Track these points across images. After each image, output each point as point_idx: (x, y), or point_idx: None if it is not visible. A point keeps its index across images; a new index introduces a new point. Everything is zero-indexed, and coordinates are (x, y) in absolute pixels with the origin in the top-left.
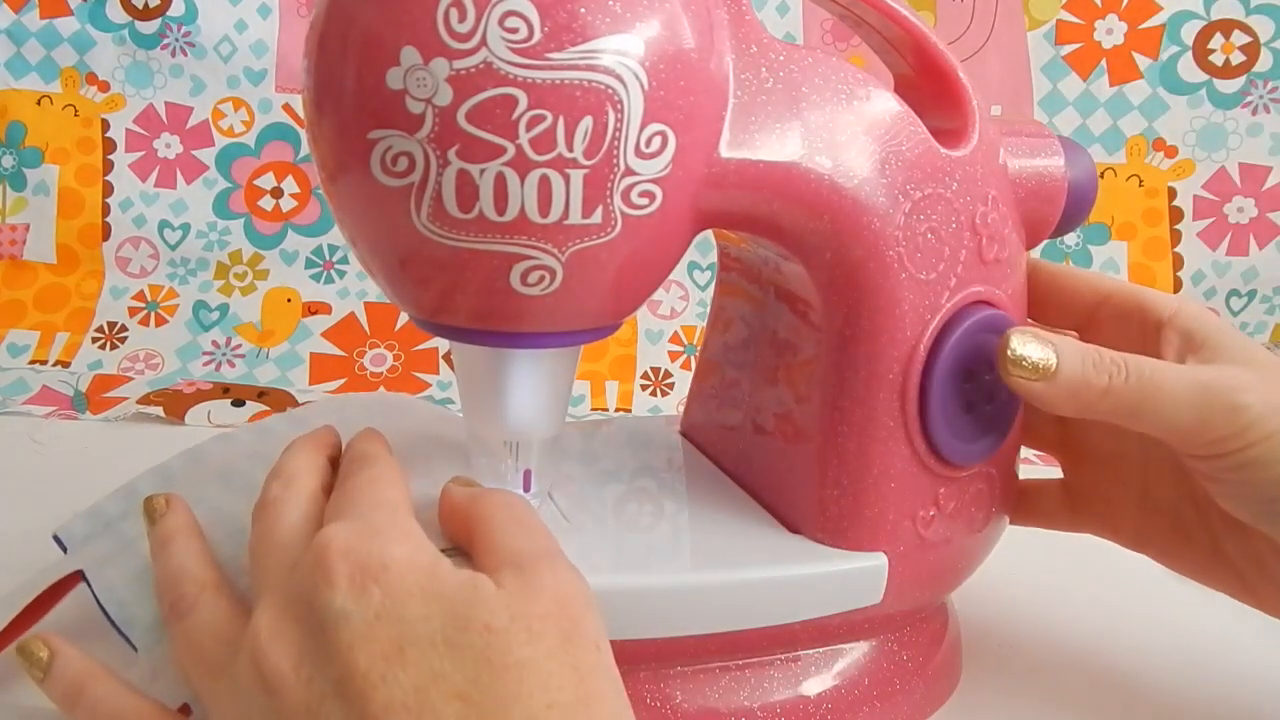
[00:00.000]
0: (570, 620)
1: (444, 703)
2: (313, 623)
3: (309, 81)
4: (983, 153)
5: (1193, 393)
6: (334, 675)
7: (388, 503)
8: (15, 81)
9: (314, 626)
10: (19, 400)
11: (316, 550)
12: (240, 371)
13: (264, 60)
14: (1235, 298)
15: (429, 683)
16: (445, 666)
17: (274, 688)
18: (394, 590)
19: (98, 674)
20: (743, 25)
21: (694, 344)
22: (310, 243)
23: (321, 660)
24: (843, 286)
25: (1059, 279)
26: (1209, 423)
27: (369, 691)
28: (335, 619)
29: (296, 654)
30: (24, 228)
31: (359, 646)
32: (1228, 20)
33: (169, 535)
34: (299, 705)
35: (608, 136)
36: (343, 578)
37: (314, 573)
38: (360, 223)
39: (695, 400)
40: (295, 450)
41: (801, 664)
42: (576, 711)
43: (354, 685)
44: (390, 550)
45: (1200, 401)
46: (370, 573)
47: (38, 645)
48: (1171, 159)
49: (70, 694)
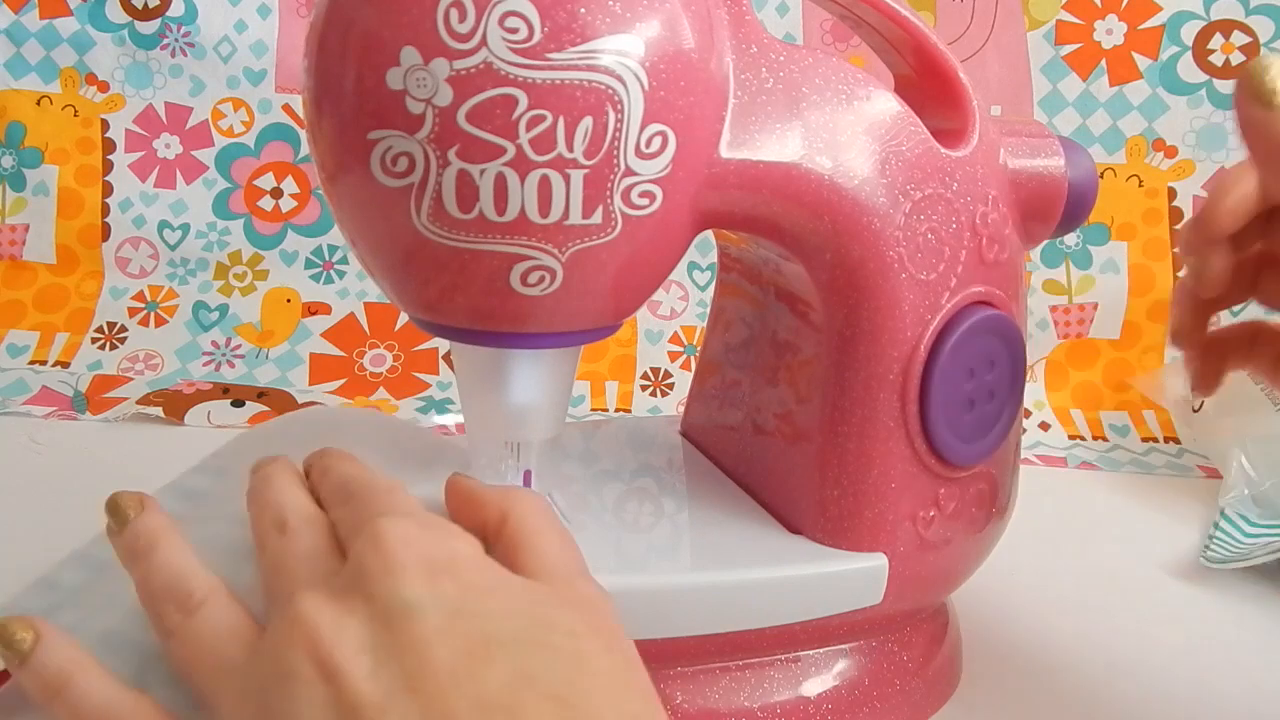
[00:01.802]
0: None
1: (539, 703)
2: (375, 613)
3: (309, 82)
4: (983, 153)
5: None
6: (407, 668)
7: (422, 508)
8: (15, 82)
9: (377, 617)
10: (19, 401)
11: (374, 542)
12: (240, 372)
13: (264, 60)
14: None
15: (521, 683)
16: (536, 667)
17: (333, 674)
18: (469, 585)
19: (86, 665)
20: (743, 25)
21: (694, 344)
22: (310, 243)
23: (389, 652)
24: (843, 287)
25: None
26: None
27: (451, 689)
28: (405, 610)
29: (357, 643)
30: (24, 228)
31: (438, 642)
32: (1227, 21)
33: (155, 536)
34: (363, 696)
35: (608, 137)
36: (410, 567)
37: (374, 564)
38: (360, 223)
39: (695, 400)
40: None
41: (802, 664)
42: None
43: (433, 682)
44: (455, 544)
45: None
46: (440, 564)
47: (21, 627)
48: (1171, 159)
49: (52, 686)
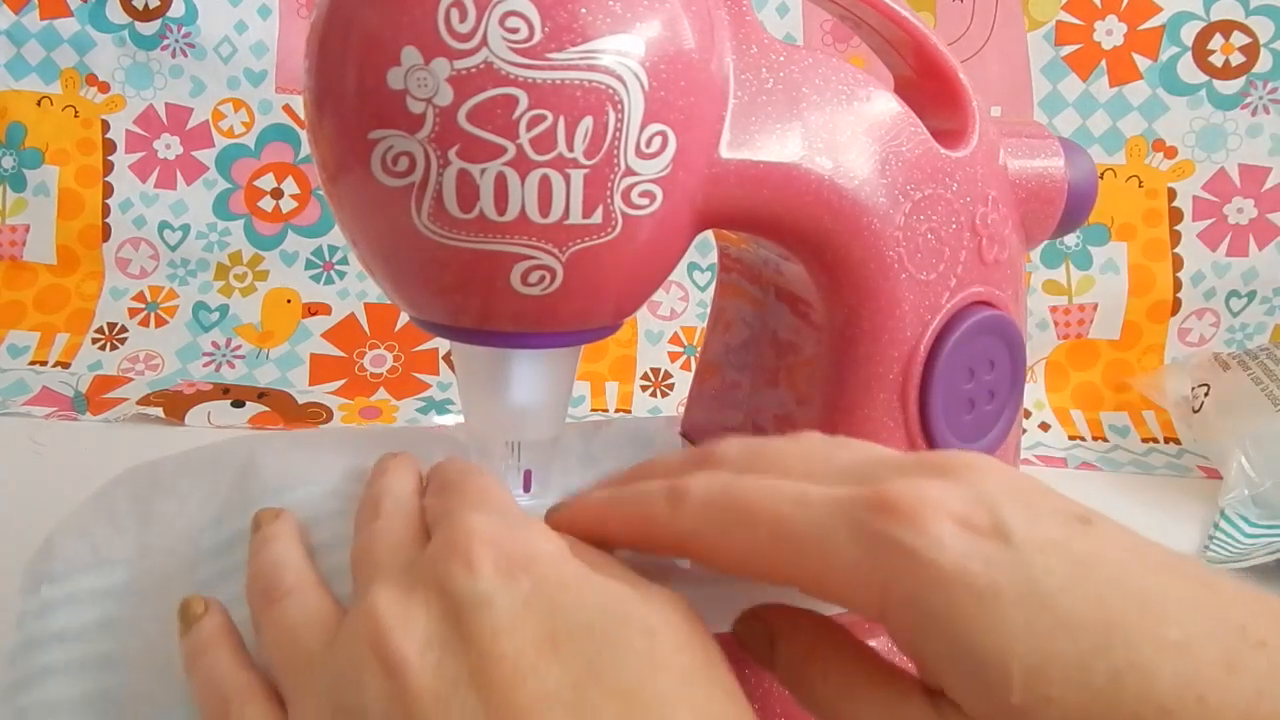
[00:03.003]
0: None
1: (605, 699)
2: (445, 606)
3: (309, 82)
4: (983, 153)
5: None
6: (471, 662)
7: (517, 508)
8: (15, 82)
9: (447, 610)
10: (19, 401)
11: (453, 534)
12: (240, 372)
13: (264, 61)
14: (1235, 299)
15: (587, 678)
16: (605, 662)
17: (396, 669)
18: (545, 580)
19: (224, 643)
20: (743, 26)
21: (694, 345)
22: (310, 243)
23: (455, 645)
24: (843, 287)
25: None
26: None
27: (514, 682)
28: (475, 603)
29: (423, 636)
30: (24, 229)
31: (505, 633)
32: (1227, 21)
33: (270, 536)
34: (424, 691)
35: (608, 136)
36: (487, 563)
37: (450, 557)
38: (360, 223)
39: (695, 401)
40: (392, 472)
41: None
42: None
43: (495, 674)
44: (538, 543)
45: None
46: (518, 561)
47: (197, 603)
48: (1171, 160)
49: (194, 654)
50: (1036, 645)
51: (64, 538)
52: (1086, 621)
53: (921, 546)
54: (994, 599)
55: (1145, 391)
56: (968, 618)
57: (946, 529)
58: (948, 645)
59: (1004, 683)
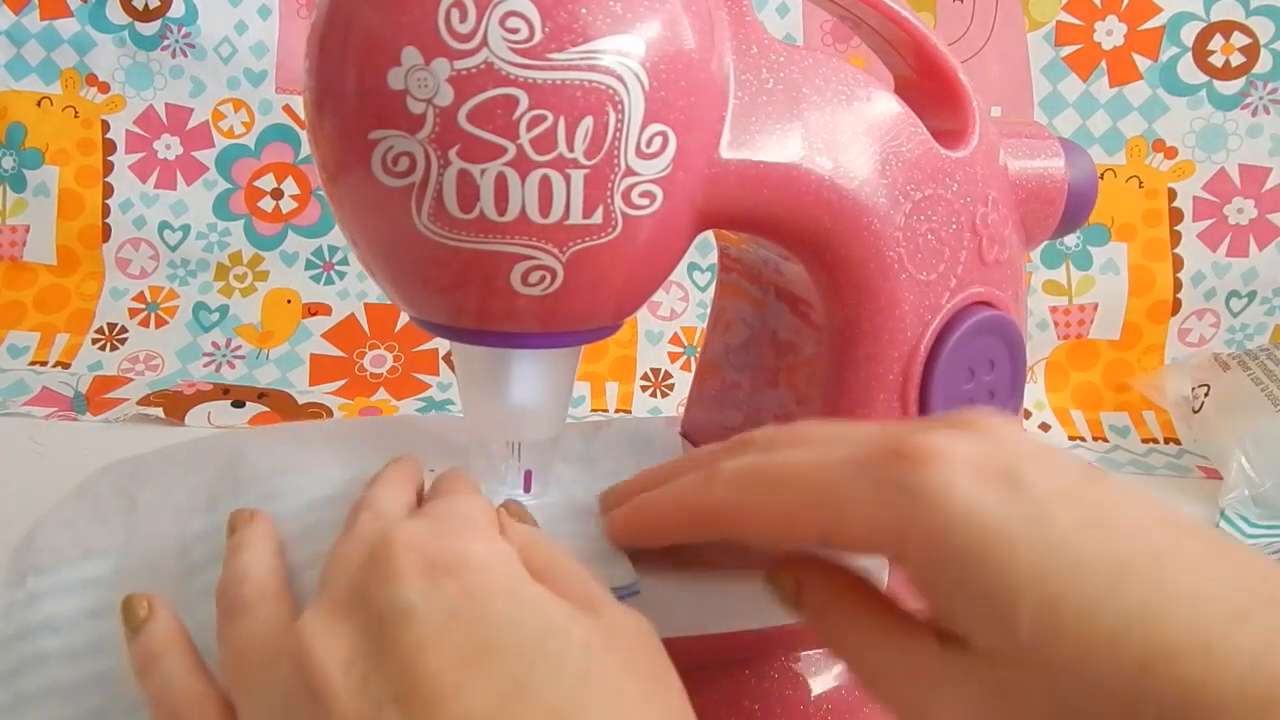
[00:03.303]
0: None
1: (532, 717)
2: (369, 618)
3: (310, 82)
4: (983, 154)
5: None
6: (396, 679)
7: (468, 515)
8: (15, 83)
9: (370, 622)
10: (19, 401)
11: (376, 543)
12: (240, 373)
13: (264, 61)
14: (1235, 299)
15: (516, 694)
16: (536, 678)
17: (319, 692)
18: (473, 587)
19: (179, 649)
20: (743, 26)
21: (694, 345)
22: (310, 244)
23: (379, 660)
24: (843, 287)
25: None
26: None
27: (440, 700)
28: (398, 614)
29: (347, 652)
30: (24, 229)
31: (430, 647)
32: (1227, 22)
33: (241, 544)
34: (348, 714)
35: (608, 137)
36: (409, 569)
37: (373, 566)
38: (361, 223)
39: (695, 401)
40: (387, 479)
41: (802, 664)
42: None
43: (421, 691)
44: (467, 545)
45: None
46: (442, 566)
47: (140, 603)
48: (1171, 160)
49: (147, 661)
50: (1046, 585)
51: (47, 531)
52: (1098, 565)
53: (933, 488)
54: (1006, 539)
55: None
56: (979, 556)
57: (959, 473)
58: (959, 582)
59: (1013, 619)
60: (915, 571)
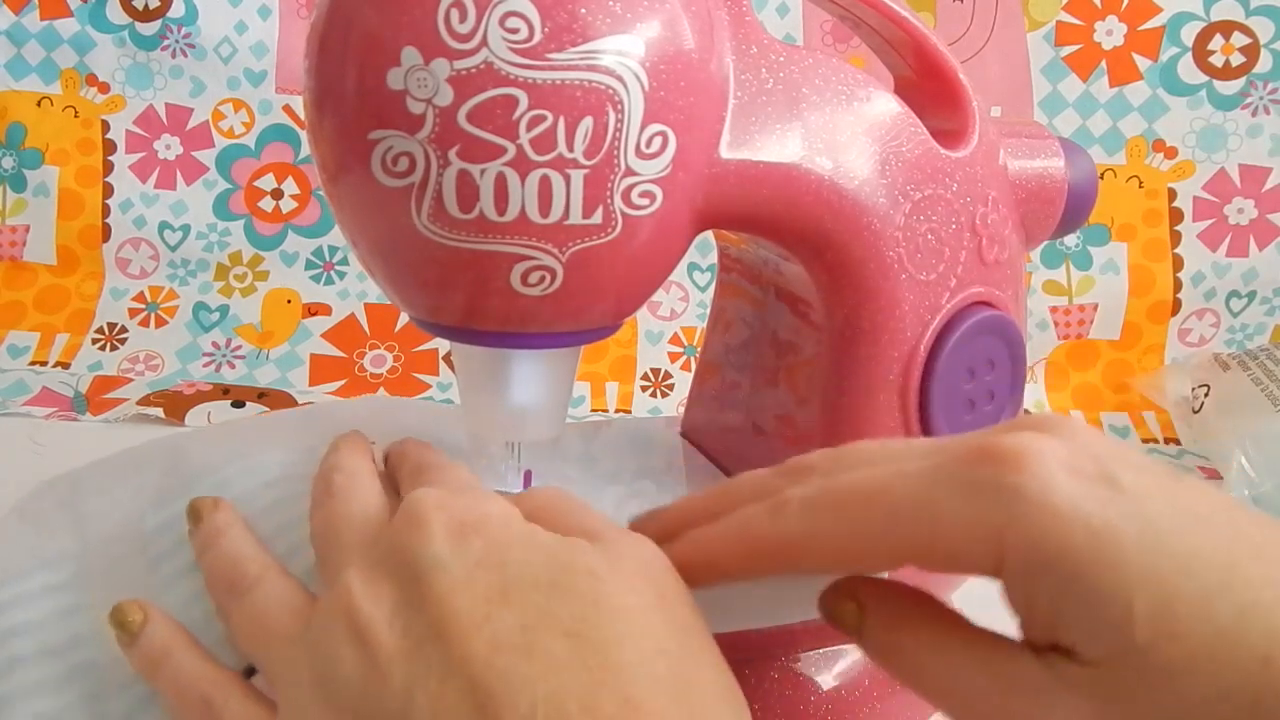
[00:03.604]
0: (662, 579)
1: (552, 639)
2: (406, 574)
3: (310, 82)
4: (983, 154)
5: None
6: (431, 620)
7: (467, 480)
8: (15, 83)
9: (408, 578)
10: (19, 402)
11: (409, 507)
12: (240, 373)
13: (264, 61)
14: (1235, 299)
15: (536, 621)
16: (552, 606)
17: (366, 639)
18: (494, 539)
19: (183, 643)
20: (743, 26)
21: (694, 345)
22: (310, 244)
23: (417, 607)
24: (843, 287)
25: None
26: None
27: (471, 631)
28: (431, 566)
29: (390, 605)
30: (24, 229)
31: (459, 590)
32: (1227, 22)
33: (219, 529)
34: (395, 653)
35: (608, 137)
36: (440, 527)
37: (407, 527)
38: (361, 223)
39: (695, 401)
40: (344, 449)
41: (801, 664)
42: (685, 664)
43: (454, 626)
44: (486, 506)
45: None
46: (469, 524)
47: (132, 610)
48: (1171, 160)
49: (155, 660)
50: (1159, 584)
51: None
52: (1207, 562)
53: (1035, 489)
54: (1113, 538)
55: (1145, 392)
56: (1087, 557)
57: (1057, 472)
58: (1066, 587)
59: (1127, 620)
60: (1015, 580)
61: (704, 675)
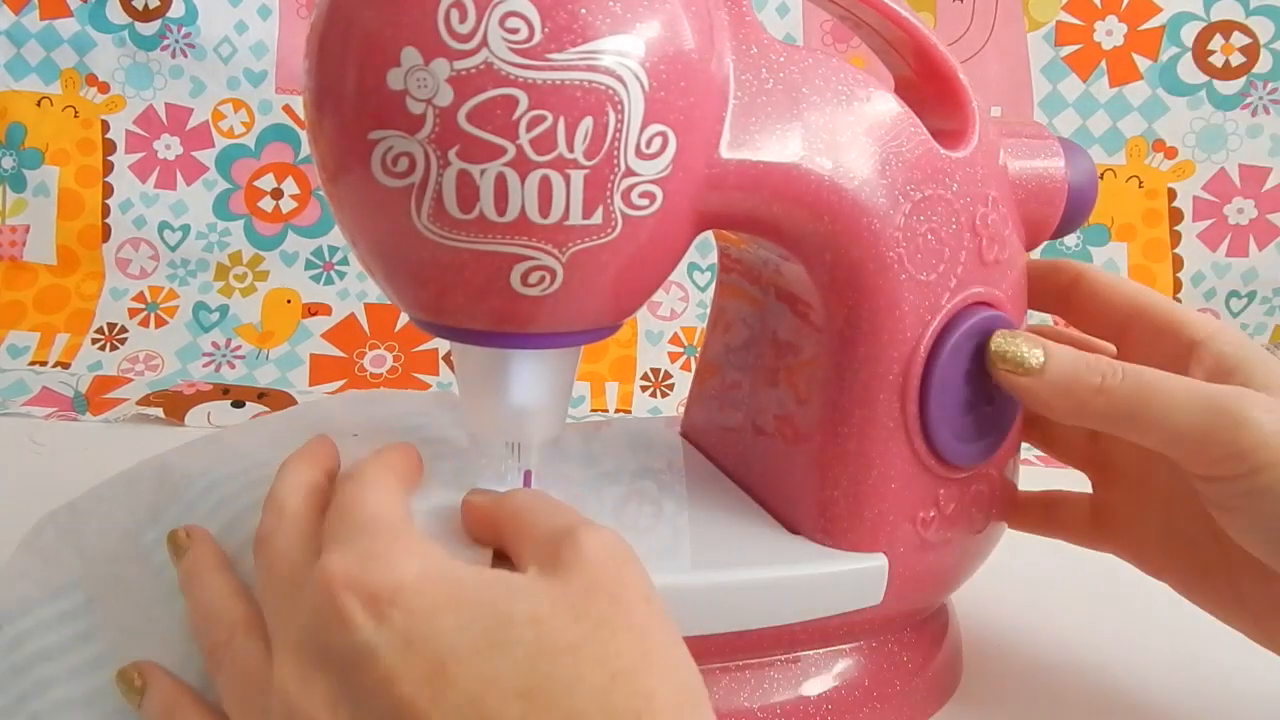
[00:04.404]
0: (613, 581)
1: (504, 705)
2: (337, 665)
3: (309, 82)
4: (983, 154)
5: (1194, 400)
6: (378, 711)
7: (381, 517)
8: (15, 83)
9: (340, 668)
10: (19, 401)
11: (317, 588)
12: (240, 373)
13: (264, 61)
14: (1235, 299)
15: (483, 690)
16: (496, 670)
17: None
18: (416, 609)
19: (185, 701)
20: (743, 26)
21: (694, 345)
22: (310, 244)
23: (358, 698)
24: (843, 287)
25: (1097, 286)
26: (1212, 436)
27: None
28: (359, 656)
29: (327, 698)
30: (24, 229)
31: (396, 678)
32: (1227, 22)
33: (190, 574)
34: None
35: (608, 137)
36: (355, 612)
37: (323, 613)
38: (360, 223)
39: (695, 401)
40: (285, 472)
41: (801, 665)
42: (639, 671)
43: (406, 715)
44: (398, 570)
45: (1203, 409)
46: (383, 599)
47: (132, 674)
48: (1171, 160)
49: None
50: None
51: (4, 585)
52: None
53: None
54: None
55: None
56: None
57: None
58: None
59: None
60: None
61: (664, 684)
